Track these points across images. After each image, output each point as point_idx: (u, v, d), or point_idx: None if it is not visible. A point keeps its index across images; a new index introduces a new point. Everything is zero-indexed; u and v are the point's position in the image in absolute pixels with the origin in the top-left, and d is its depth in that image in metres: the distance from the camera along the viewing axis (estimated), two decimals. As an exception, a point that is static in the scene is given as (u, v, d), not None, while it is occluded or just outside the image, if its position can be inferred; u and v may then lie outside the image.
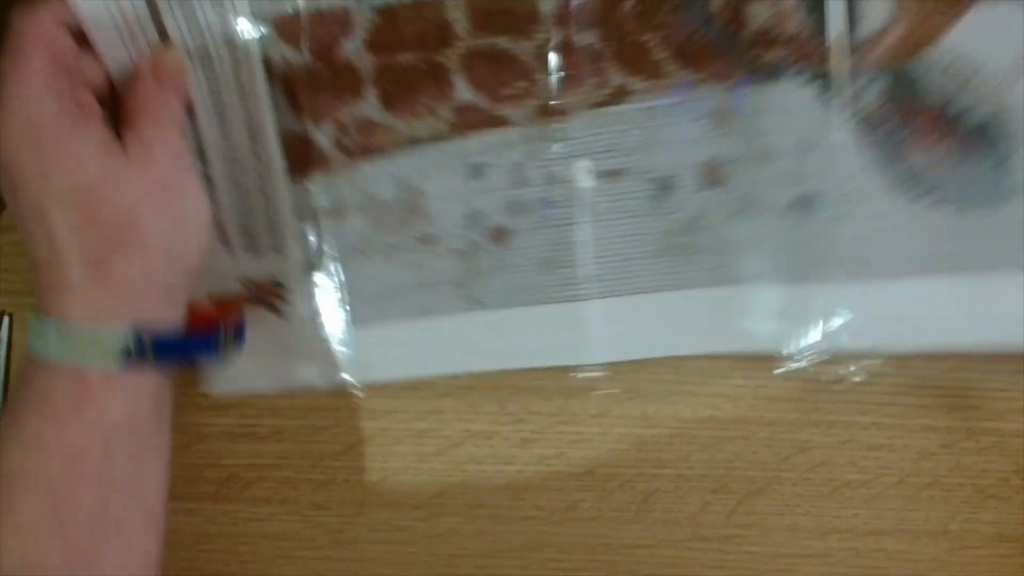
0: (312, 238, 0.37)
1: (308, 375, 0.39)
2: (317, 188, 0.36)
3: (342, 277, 0.38)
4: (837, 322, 0.37)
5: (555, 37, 0.34)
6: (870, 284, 0.37)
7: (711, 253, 0.37)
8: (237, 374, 0.39)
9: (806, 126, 0.36)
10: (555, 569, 0.41)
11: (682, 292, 0.38)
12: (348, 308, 0.38)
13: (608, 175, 0.37)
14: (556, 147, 0.36)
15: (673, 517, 0.40)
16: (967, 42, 0.34)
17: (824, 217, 0.36)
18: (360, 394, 0.39)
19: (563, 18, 0.34)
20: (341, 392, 0.39)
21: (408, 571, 0.41)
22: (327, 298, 0.38)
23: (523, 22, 0.34)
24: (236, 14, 0.32)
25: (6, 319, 0.40)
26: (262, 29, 0.33)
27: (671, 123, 0.36)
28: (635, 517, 0.40)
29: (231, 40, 0.32)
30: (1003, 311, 0.37)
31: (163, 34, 0.32)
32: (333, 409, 0.40)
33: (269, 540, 0.41)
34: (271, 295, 0.38)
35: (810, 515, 0.40)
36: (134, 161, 0.30)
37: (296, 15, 0.33)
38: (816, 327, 0.38)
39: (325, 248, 0.37)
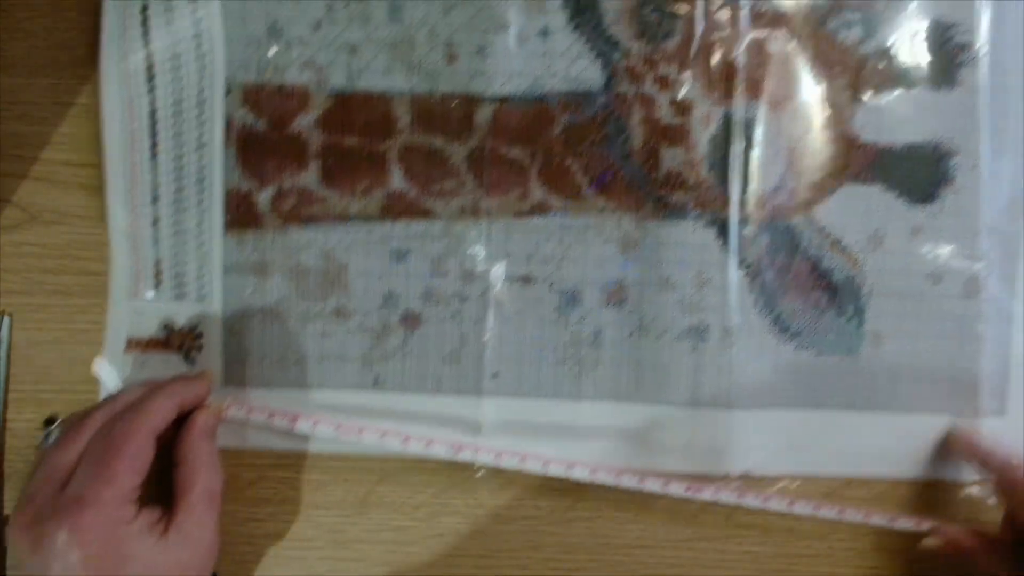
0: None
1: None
2: (249, 245, 0.39)
3: (252, 337, 0.39)
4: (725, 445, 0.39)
5: (486, 146, 0.39)
6: (750, 412, 0.39)
7: (611, 368, 0.39)
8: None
9: (703, 263, 0.39)
10: (555, 569, 0.40)
11: (579, 402, 0.39)
12: (250, 368, 0.39)
13: (520, 280, 0.39)
14: (475, 246, 0.39)
15: (673, 517, 0.40)
16: (835, 213, 0.39)
17: (714, 347, 0.39)
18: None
19: (495, 130, 0.39)
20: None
21: (408, 571, 0.40)
22: (236, 355, 0.39)
23: (458, 127, 0.39)
24: (213, 75, 0.37)
25: (6, 319, 0.40)
26: (230, 91, 0.38)
27: (582, 242, 0.39)
28: (635, 517, 0.40)
29: (201, 95, 0.37)
30: (856, 445, 0.39)
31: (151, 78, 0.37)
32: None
33: (269, 540, 0.40)
34: (188, 343, 0.39)
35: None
36: (172, 545, 0.33)
37: (262, 85, 0.38)
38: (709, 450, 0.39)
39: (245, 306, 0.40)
